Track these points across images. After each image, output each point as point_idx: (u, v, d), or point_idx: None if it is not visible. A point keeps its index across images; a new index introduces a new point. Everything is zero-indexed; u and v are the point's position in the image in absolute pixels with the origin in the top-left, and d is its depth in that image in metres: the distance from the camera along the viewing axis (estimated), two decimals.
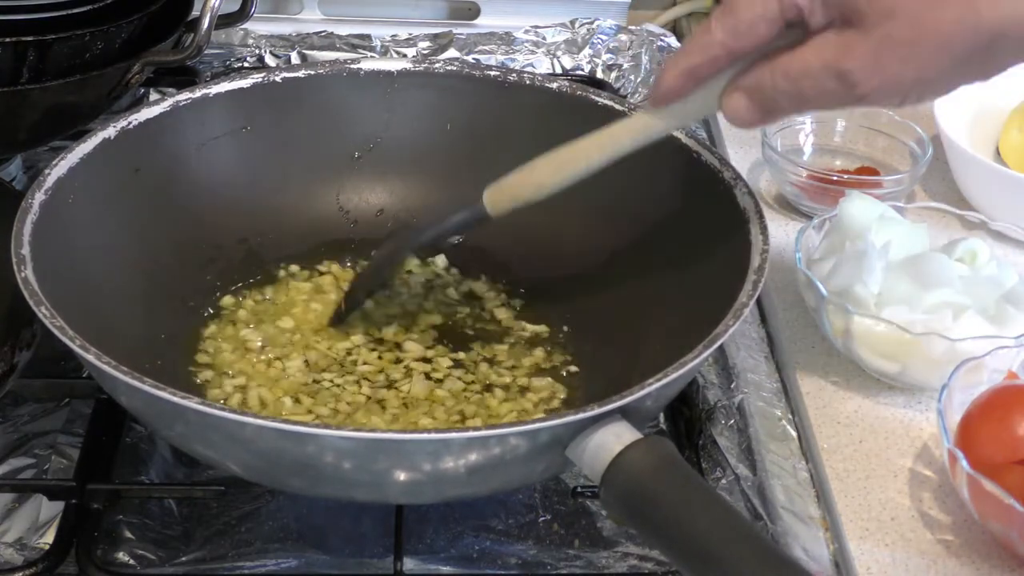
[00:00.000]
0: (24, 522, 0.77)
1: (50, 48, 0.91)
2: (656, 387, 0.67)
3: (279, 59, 1.22)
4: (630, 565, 0.77)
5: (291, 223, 0.92)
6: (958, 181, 1.04)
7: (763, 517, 0.78)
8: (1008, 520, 0.71)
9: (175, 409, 0.65)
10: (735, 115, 0.70)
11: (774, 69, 0.67)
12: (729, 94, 0.70)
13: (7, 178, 1.00)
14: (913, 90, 0.66)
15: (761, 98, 0.69)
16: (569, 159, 0.78)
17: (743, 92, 0.69)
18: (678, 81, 0.71)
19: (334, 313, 0.87)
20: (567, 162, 0.78)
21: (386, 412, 0.80)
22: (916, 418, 0.84)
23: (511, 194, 0.80)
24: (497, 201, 0.80)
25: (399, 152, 0.93)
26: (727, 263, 0.77)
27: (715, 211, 0.81)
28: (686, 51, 0.71)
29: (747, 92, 0.69)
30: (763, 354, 0.91)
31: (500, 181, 0.80)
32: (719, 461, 0.83)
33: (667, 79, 0.72)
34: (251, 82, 0.90)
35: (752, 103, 0.69)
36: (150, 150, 0.86)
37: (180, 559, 0.75)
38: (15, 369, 0.77)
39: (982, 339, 0.80)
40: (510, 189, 0.80)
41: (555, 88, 0.91)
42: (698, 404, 0.87)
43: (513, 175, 0.79)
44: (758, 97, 0.69)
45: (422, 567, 0.75)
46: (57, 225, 0.77)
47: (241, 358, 0.84)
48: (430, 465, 0.66)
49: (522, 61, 1.24)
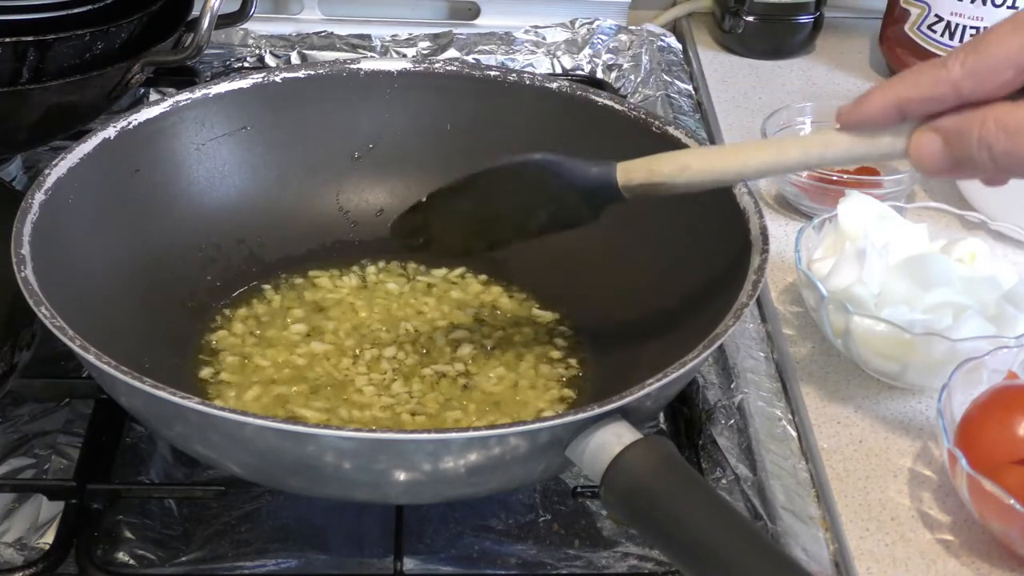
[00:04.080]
0: (24, 522, 0.77)
1: (50, 48, 0.91)
2: (656, 387, 0.67)
3: (279, 59, 1.22)
4: (630, 565, 0.77)
5: (291, 223, 0.92)
6: (958, 181, 1.04)
7: (763, 517, 0.78)
8: (1008, 520, 0.71)
9: (175, 409, 0.65)
10: (920, 158, 0.64)
11: (989, 117, 0.62)
12: (923, 134, 0.64)
13: (7, 178, 1.00)
14: None
15: (961, 146, 0.63)
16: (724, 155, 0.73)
17: (940, 135, 0.64)
18: (886, 110, 0.65)
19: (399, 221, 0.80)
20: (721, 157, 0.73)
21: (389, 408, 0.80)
22: (916, 418, 0.84)
23: (648, 166, 0.73)
24: (630, 170, 0.73)
25: (399, 152, 0.93)
26: (727, 263, 0.77)
27: (715, 211, 0.81)
28: (904, 80, 0.65)
29: (945, 136, 0.63)
30: (763, 354, 0.91)
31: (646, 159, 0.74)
32: (719, 461, 0.83)
33: (873, 104, 0.65)
34: (251, 82, 0.90)
35: (947, 149, 0.63)
36: (150, 150, 0.86)
37: (180, 559, 0.75)
38: (15, 369, 0.77)
39: (982, 339, 0.80)
40: (648, 162, 0.73)
41: (555, 88, 0.91)
42: (698, 404, 0.87)
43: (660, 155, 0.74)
44: (957, 144, 0.63)
45: (422, 567, 0.75)
46: (57, 225, 0.77)
47: (242, 358, 0.84)
48: (430, 465, 0.66)
49: (522, 61, 1.24)
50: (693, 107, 1.18)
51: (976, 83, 0.62)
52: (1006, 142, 0.62)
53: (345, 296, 0.89)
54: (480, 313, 0.89)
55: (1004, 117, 0.62)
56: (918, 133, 0.65)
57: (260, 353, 0.84)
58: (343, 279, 0.91)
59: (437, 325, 0.87)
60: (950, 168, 0.64)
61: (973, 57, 0.62)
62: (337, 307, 0.88)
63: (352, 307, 0.88)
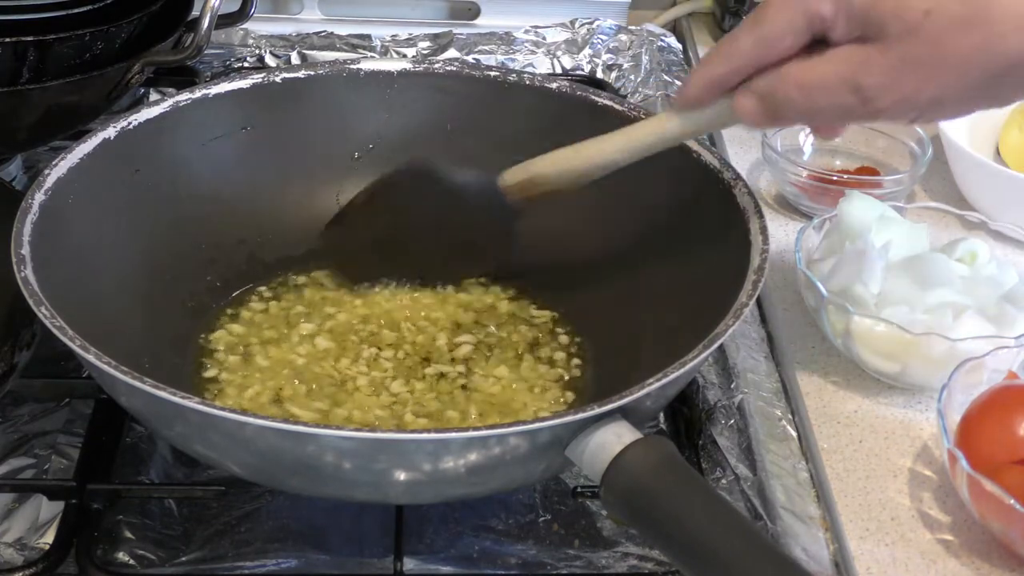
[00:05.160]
0: (24, 522, 0.77)
1: (50, 48, 0.91)
2: (656, 387, 0.67)
3: (279, 59, 1.22)
4: (630, 565, 0.77)
5: (291, 223, 0.92)
6: (958, 181, 1.04)
7: (763, 517, 0.78)
8: (1008, 520, 0.71)
9: (175, 409, 0.65)
10: (743, 116, 0.72)
11: (787, 77, 0.69)
12: (742, 93, 0.71)
13: (7, 178, 1.00)
14: (927, 110, 0.67)
15: (771, 103, 0.70)
16: (591, 149, 0.80)
17: (754, 95, 0.71)
18: (703, 91, 0.73)
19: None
20: (588, 151, 0.80)
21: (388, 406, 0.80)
22: (916, 418, 0.84)
23: (526, 167, 0.82)
24: (513, 175, 0.83)
25: (399, 152, 0.93)
26: (727, 263, 0.77)
27: (715, 211, 0.81)
28: (711, 60, 0.72)
29: (758, 96, 0.70)
30: (763, 354, 0.91)
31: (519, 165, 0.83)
32: (719, 461, 0.83)
33: (692, 88, 0.74)
34: (251, 82, 0.90)
35: (762, 107, 0.71)
36: (150, 150, 0.86)
37: (180, 559, 0.75)
38: (15, 369, 0.77)
39: (982, 339, 0.80)
40: (526, 164, 0.83)
41: (555, 88, 0.91)
42: (698, 404, 0.87)
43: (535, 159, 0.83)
44: (768, 102, 0.70)
45: (422, 567, 0.75)
46: (57, 225, 0.77)
47: (242, 358, 0.84)
48: (430, 465, 0.66)
49: (522, 61, 1.24)
50: None
51: (765, 51, 0.69)
52: (805, 99, 0.68)
53: (345, 296, 0.89)
54: (480, 313, 0.89)
55: (799, 77, 0.68)
56: (738, 95, 0.72)
57: (260, 353, 0.84)
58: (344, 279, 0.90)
59: (437, 326, 0.87)
60: (771, 121, 0.72)
61: (757, 30, 0.69)
62: (337, 307, 0.88)
63: (352, 307, 0.88)
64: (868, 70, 0.66)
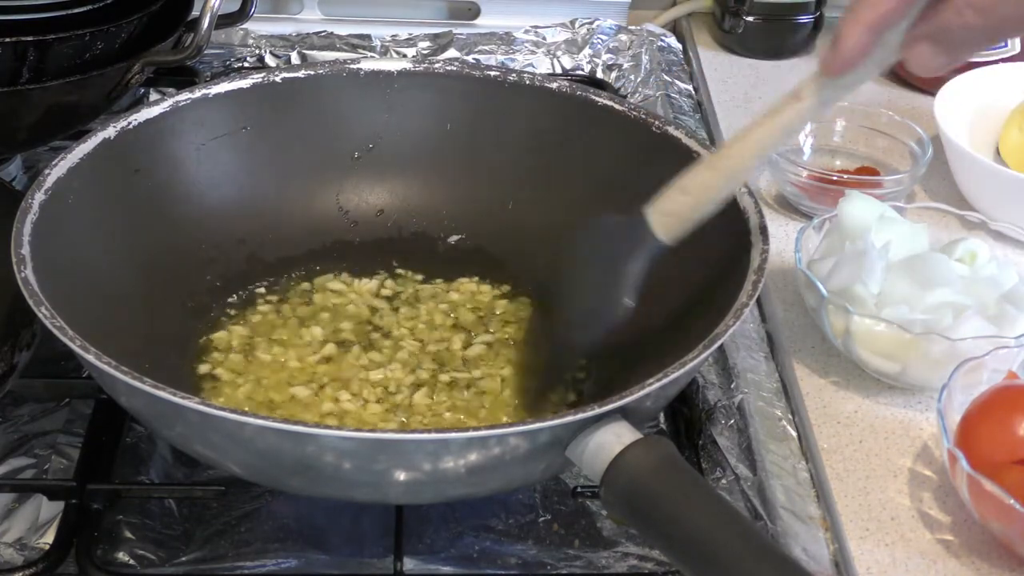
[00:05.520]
0: (24, 522, 0.77)
1: (50, 48, 0.91)
2: (656, 387, 0.67)
3: (279, 59, 1.22)
4: (630, 565, 0.77)
5: (291, 224, 0.92)
6: (958, 181, 1.04)
7: (763, 517, 0.78)
8: (1008, 520, 0.71)
9: (175, 409, 0.65)
10: (923, 65, 0.67)
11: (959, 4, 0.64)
12: (912, 44, 0.67)
13: (7, 178, 1.00)
14: None
15: (949, 40, 0.66)
16: (739, 161, 0.74)
17: (926, 39, 0.66)
18: (863, 39, 0.67)
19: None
20: (737, 166, 0.74)
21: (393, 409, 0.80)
22: (916, 418, 0.84)
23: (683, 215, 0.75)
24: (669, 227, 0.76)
25: (399, 152, 0.93)
26: (727, 263, 0.77)
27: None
28: (862, 6, 0.66)
29: (932, 38, 0.66)
30: (763, 354, 0.91)
31: (663, 202, 0.76)
32: (719, 461, 0.83)
33: (850, 39, 0.67)
34: (251, 82, 0.90)
35: (939, 48, 0.66)
36: (150, 150, 0.86)
37: (180, 559, 0.75)
38: (15, 369, 0.77)
39: (982, 339, 0.80)
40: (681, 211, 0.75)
41: (555, 88, 0.91)
42: (698, 404, 0.87)
43: (675, 192, 0.75)
44: (945, 40, 0.66)
45: (422, 567, 0.75)
46: (57, 225, 0.77)
47: (242, 358, 0.84)
48: (430, 465, 0.66)
49: (522, 61, 1.24)
50: (693, 107, 1.18)
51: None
52: (984, 19, 0.64)
53: (345, 296, 0.89)
54: (479, 314, 0.89)
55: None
56: (908, 46, 0.67)
57: (260, 353, 0.84)
58: (344, 279, 0.91)
59: (437, 326, 0.87)
60: (952, 61, 0.67)
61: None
62: (337, 307, 0.88)
63: (352, 307, 0.88)
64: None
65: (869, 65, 0.69)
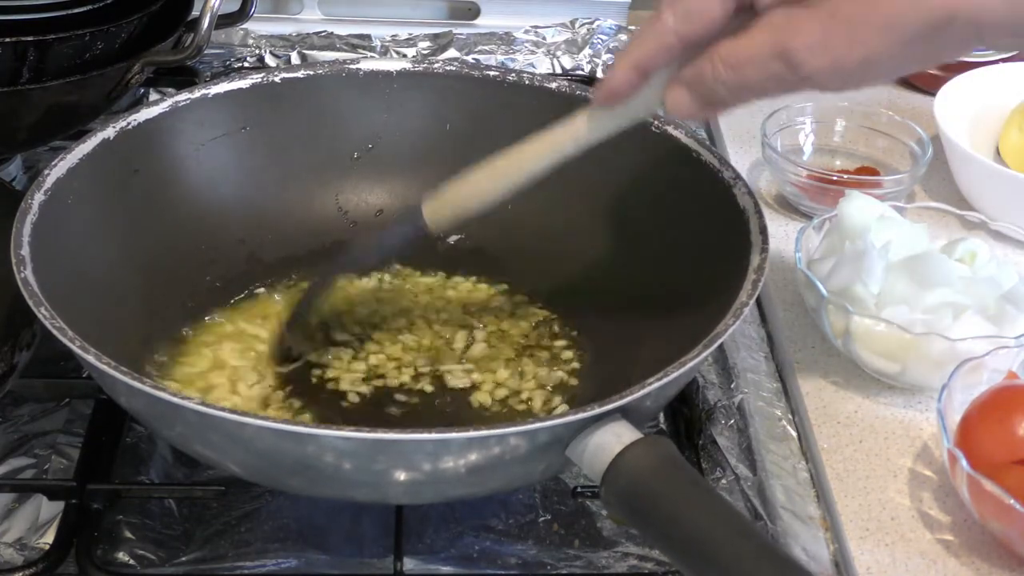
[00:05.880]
0: (24, 522, 0.77)
1: (50, 48, 0.91)
2: (656, 387, 0.67)
3: (279, 59, 1.22)
4: (630, 565, 0.77)
5: (290, 224, 0.92)
6: (958, 181, 1.04)
7: (763, 517, 0.78)
8: (1008, 520, 0.71)
9: (175, 410, 0.65)
10: (677, 109, 0.68)
11: (714, 57, 0.65)
12: (671, 88, 0.68)
13: (7, 178, 1.00)
14: (857, 71, 0.63)
15: (703, 90, 0.66)
16: (510, 167, 0.76)
17: (684, 85, 0.67)
18: (629, 76, 0.69)
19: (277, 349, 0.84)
20: (507, 169, 0.76)
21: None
22: (916, 418, 0.84)
23: (451, 206, 0.78)
24: (438, 213, 0.78)
25: (398, 152, 0.93)
26: (727, 263, 0.77)
27: (714, 210, 0.81)
28: (634, 44, 0.68)
29: (688, 85, 0.67)
30: (763, 354, 0.91)
31: (439, 193, 0.78)
32: (719, 461, 0.83)
33: (617, 75, 0.69)
34: (250, 83, 0.90)
35: (693, 96, 0.67)
36: (149, 151, 0.86)
37: (180, 559, 0.75)
38: (15, 369, 0.77)
39: (982, 339, 0.80)
40: (450, 201, 0.78)
41: (554, 88, 0.91)
42: (698, 404, 0.87)
43: (453, 185, 0.77)
44: (699, 89, 0.66)
45: (422, 567, 0.75)
46: (56, 226, 0.77)
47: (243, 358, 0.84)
48: (430, 465, 0.66)
49: (522, 61, 1.24)
50: None
51: (691, 26, 0.66)
52: (734, 77, 0.65)
53: (345, 296, 0.89)
54: (479, 314, 0.89)
55: (726, 54, 0.65)
56: (667, 88, 0.68)
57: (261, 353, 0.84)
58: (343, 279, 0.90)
59: (436, 326, 0.87)
60: (703, 109, 0.68)
61: (681, 3, 0.66)
62: (337, 307, 0.88)
63: (353, 306, 0.88)
64: (796, 32, 0.62)
65: (640, 101, 0.70)
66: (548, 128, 0.74)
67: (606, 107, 0.71)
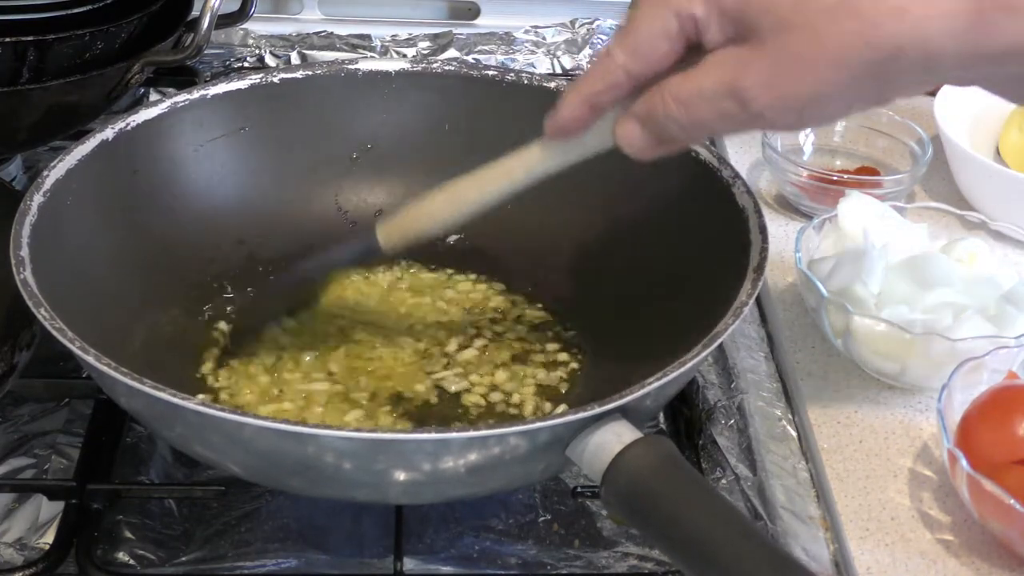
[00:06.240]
0: (24, 522, 0.77)
1: (50, 48, 0.91)
2: (656, 386, 0.67)
3: (279, 59, 1.22)
4: (630, 565, 0.77)
5: (289, 224, 0.92)
6: (958, 181, 1.04)
7: (763, 517, 0.78)
8: (1008, 520, 0.71)
9: (175, 410, 0.65)
10: (629, 146, 0.67)
11: (664, 94, 0.64)
12: (622, 123, 0.66)
13: (7, 178, 1.00)
14: (808, 107, 0.62)
15: (654, 126, 0.65)
16: (463, 192, 0.75)
17: (636, 120, 0.66)
18: (578, 111, 0.67)
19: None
20: (460, 196, 0.75)
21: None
22: (916, 418, 0.84)
23: (404, 228, 0.77)
24: (390, 236, 0.78)
25: (397, 152, 0.93)
26: (726, 262, 0.77)
27: (714, 210, 0.81)
28: (585, 78, 0.67)
29: (640, 120, 0.65)
30: (763, 354, 0.91)
31: (394, 216, 0.78)
32: (719, 461, 0.83)
33: (567, 109, 0.67)
34: (249, 83, 0.90)
35: (645, 132, 0.66)
36: (148, 151, 0.86)
37: (180, 559, 0.75)
38: (15, 369, 0.77)
39: (982, 339, 0.80)
40: (403, 223, 0.77)
41: (554, 88, 0.91)
42: (698, 404, 0.87)
43: (406, 209, 0.77)
44: (651, 126, 0.65)
45: (422, 567, 0.75)
46: (56, 227, 0.77)
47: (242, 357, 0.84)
48: (430, 465, 0.66)
49: (522, 61, 1.24)
50: None
51: (640, 63, 0.64)
52: (685, 114, 0.63)
53: (345, 295, 0.89)
54: (480, 314, 0.88)
55: (676, 91, 0.63)
56: (619, 124, 0.66)
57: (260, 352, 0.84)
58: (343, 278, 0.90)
59: (436, 326, 0.87)
60: (657, 146, 0.66)
61: (630, 39, 0.64)
62: (337, 306, 0.88)
63: (353, 306, 0.88)
64: (745, 71, 0.61)
65: (593, 135, 0.69)
66: (504, 156, 0.73)
67: (557, 139, 0.70)
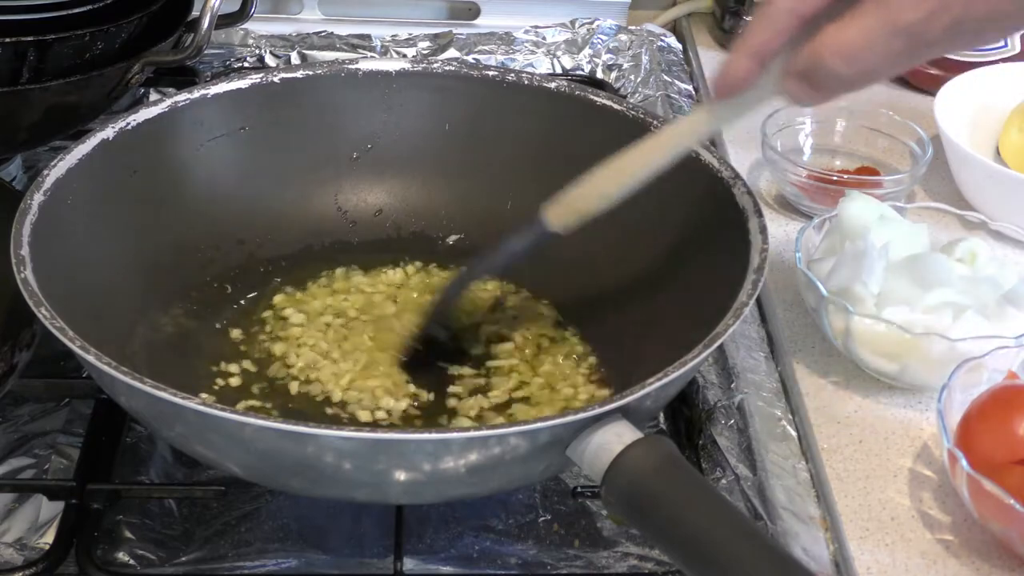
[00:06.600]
0: (24, 522, 0.77)
1: (50, 48, 0.91)
2: (656, 387, 0.67)
3: (279, 59, 1.22)
4: (630, 565, 0.77)
5: (289, 224, 0.92)
6: (958, 181, 1.04)
7: (763, 517, 0.78)
8: (1008, 520, 0.71)
9: (175, 410, 0.65)
10: (798, 99, 0.68)
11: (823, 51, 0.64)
12: (785, 79, 0.67)
13: (7, 178, 1.00)
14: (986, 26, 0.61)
15: (817, 80, 0.66)
16: (629, 165, 0.76)
17: (798, 76, 0.66)
18: (748, 64, 0.68)
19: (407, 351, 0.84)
20: (627, 169, 0.76)
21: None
22: (916, 418, 0.84)
23: (576, 208, 0.77)
24: (561, 217, 0.78)
25: (397, 152, 0.93)
26: (727, 263, 0.77)
27: (714, 211, 0.81)
28: (751, 32, 0.68)
29: (804, 76, 0.66)
30: (763, 354, 0.91)
31: (560, 196, 0.78)
32: (719, 461, 0.83)
33: (737, 65, 0.68)
34: (249, 83, 0.90)
35: (808, 85, 0.66)
36: (148, 151, 0.86)
37: (180, 559, 0.75)
38: (15, 369, 0.77)
39: (982, 339, 0.80)
40: (574, 203, 0.77)
41: (554, 88, 0.91)
42: (698, 404, 0.87)
43: (574, 188, 0.77)
44: (816, 79, 0.66)
45: (422, 567, 0.75)
46: (56, 226, 0.77)
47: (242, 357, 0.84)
48: (430, 465, 0.66)
49: (522, 61, 1.24)
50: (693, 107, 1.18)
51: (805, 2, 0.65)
52: (849, 66, 0.64)
53: (345, 295, 0.89)
54: (480, 314, 0.88)
55: (834, 44, 0.64)
56: (785, 82, 0.68)
57: (261, 353, 0.84)
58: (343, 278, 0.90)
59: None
60: (826, 97, 0.68)
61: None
62: (336, 307, 0.88)
63: (353, 306, 0.88)
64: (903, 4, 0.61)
65: (759, 89, 0.70)
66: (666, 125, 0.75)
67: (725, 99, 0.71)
